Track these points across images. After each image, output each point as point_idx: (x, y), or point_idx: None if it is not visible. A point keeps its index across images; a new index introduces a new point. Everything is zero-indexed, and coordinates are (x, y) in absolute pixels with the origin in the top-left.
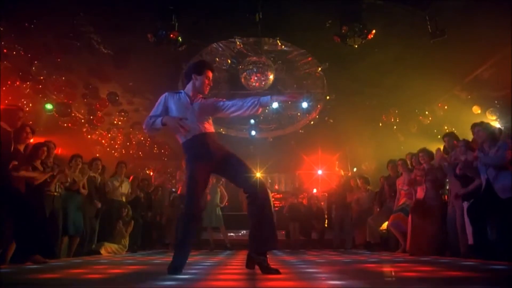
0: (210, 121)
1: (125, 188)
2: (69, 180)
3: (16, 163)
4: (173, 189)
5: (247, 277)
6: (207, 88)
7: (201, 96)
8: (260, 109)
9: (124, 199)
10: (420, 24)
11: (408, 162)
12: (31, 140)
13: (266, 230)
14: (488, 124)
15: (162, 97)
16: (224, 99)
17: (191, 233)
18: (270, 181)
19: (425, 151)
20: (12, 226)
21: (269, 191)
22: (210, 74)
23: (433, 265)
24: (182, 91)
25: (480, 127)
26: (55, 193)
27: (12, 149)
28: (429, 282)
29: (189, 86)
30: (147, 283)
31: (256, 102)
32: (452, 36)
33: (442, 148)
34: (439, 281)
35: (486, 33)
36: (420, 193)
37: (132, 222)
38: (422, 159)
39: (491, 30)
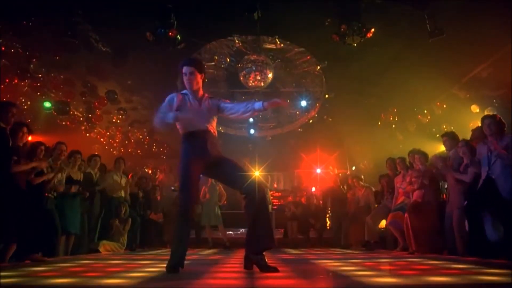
0: (214, 123)
1: (124, 183)
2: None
3: (16, 158)
4: (172, 188)
5: (246, 275)
6: (189, 83)
7: (207, 95)
8: (255, 113)
9: (123, 194)
10: (419, 23)
11: (408, 159)
12: (29, 138)
13: (262, 230)
14: (500, 117)
15: (169, 96)
16: (228, 101)
17: (187, 229)
18: (270, 179)
19: (420, 152)
20: (13, 224)
21: (267, 190)
22: (184, 70)
23: (431, 264)
24: (186, 91)
25: (491, 119)
26: (50, 195)
27: (10, 145)
28: (428, 281)
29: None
30: (146, 281)
31: (249, 108)
32: (450, 35)
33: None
34: (437, 279)
35: (485, 32)
36: (417, 194)
37: (130, 220)
38: (418, 161)
39: (490, 29)
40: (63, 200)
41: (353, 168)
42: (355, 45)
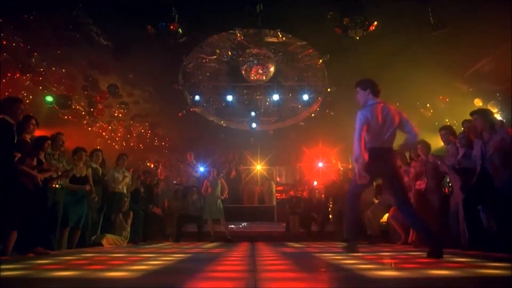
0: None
1: (126, 179)
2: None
3: (19, 155)
4: (174, 182)
5: (248, 268)
6: None
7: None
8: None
9: (125, 190)
10: (422, 16)
11: (407, 154)
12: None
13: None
14: (486, 111)
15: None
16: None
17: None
18: (274, 173)
19: (423, 142)
20: (15, 217)
21: (273, 184)
22: None
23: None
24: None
25: (478, 115)
26: (57, 186)
27: (15, 140)
28: (429, 274)
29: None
30: (148, 274)
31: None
32: (454, 29)
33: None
34: (439, 273)
35: (488, 26)
36: (420, 184)
37: (131, 213)
38: (420, 151)
39: (494, 23)
40: (70, 194)
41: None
42: (357, 38)
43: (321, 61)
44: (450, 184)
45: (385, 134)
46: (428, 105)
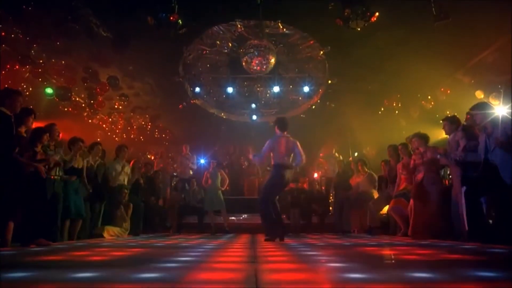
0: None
1: (127, 171)
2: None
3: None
4: (175, 173)
5: (248, 259)
6: None
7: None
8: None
9: (126, 182)
10: (424, 7)
11: (410, 146)
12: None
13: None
14: (486, 105)
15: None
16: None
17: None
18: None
19: (418, 135)
20: (13, 207)
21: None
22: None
23: (432, 249)
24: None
25: (478, 109)
26: (56, 177)
27: (14, 132)
28: (428, 265)
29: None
30: (149, 265)
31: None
32: (456, 20)
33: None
34: (438, 264)
35: (491, 17)
36: (419, 176)
37: (131, 204)
38: (416, 143)
39: (496, 14)
40: (68, 185)
41: (356, 154)
42: (359, 29)
43: (322, 52)
44: (450, 176)
45: (285, 157)
46: (429, 97)
